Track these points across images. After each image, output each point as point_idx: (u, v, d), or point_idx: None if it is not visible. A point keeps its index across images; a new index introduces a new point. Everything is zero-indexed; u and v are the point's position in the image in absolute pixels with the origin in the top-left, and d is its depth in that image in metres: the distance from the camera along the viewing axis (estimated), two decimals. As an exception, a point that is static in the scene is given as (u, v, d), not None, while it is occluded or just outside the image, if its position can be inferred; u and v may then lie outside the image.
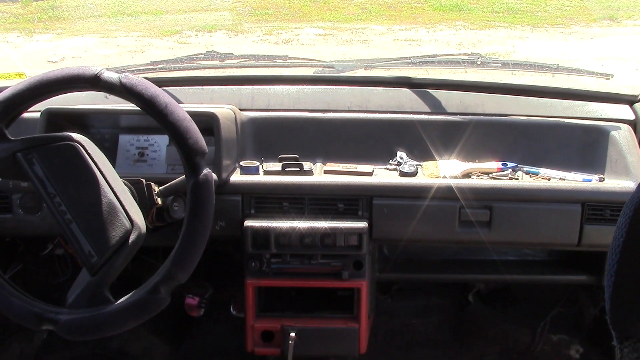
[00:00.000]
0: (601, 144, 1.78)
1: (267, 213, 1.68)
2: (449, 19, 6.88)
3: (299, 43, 6.31)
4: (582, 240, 1.66)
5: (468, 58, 1.95)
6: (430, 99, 1.89)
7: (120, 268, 1.36)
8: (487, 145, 1.80)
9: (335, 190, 1.67)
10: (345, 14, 7.21)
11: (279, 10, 7.12)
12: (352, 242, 1.66)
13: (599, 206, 1.64)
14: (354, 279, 1.69)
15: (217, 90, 1.91)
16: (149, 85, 1.36)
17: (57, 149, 1.37)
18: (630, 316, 0.99)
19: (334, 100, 1.89)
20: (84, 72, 1.35)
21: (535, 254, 2.01)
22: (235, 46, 6.08)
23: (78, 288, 1.36)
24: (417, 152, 1.81)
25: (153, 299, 1.35)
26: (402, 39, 6.43)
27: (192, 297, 2.09)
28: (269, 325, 1.73)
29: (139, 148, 1.78)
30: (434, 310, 2.36)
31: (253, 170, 1.72)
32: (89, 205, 1.35)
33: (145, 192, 1.49)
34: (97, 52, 6.06)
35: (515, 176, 1.74)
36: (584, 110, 1.88)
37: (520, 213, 1.65)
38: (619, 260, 0.95)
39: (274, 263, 1.69)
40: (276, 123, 1.84)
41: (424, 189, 1.65)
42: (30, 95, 1.37)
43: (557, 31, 6.46)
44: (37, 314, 1.35)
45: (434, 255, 2.01)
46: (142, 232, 1.38)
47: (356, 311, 1.73)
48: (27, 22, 7.06)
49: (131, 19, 6.57)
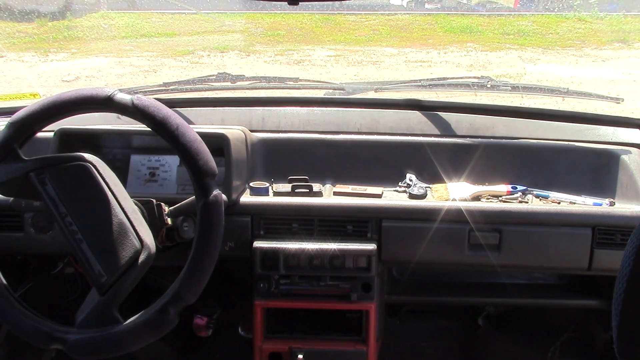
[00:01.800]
0: (611, 168, 1.78)
1: (277, 234, 1.68)
2: (459, 41, 6.89)
3: (311, 64, 6.34)
4: (592, 265, 1.65)
5: (478, 81, 1.96)
6: (440, 121, 1.90)
7: (130, 288, 1.37)
8: (496, 168, 1.80)
9: (345, 212, 1.68)
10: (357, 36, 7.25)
11: (290, 31, 7.18)
12: (361, 264, 1.66)
13: (610, 230, 1.63)
14: (362, 301, 1.68)
15: (228, 111, 1.93)
16: (161, 107, 1.38)
17: (69, 169, 1.38)
18: (638, 345, 0.98)
19: (344, 122, 1.90)
20: (97, 94, 1.37)
21: (545, 278, 2.00)
22: (247, 66, 6.12)
23: (87, 307, 1.37)
24: (427, 175, 1.81)
25: (162, 320, 1.35)
26: (413, 61, 6.45)
27: (200, 317, 2.09)
28: (277, 346, 1.73)
29: (150, 168, 1.79)
30: (443, 333, 2.34)
31: (263, 191, 1.73)
32: (100, 225, 1.36)
33: (155, 212, 1.50)
34: (111, 71, 6.12)
35: (525, 199, 1.74)
36: (594, 133, 1.88)
37: (530, 236, 1.65)
38: (626, 289, 0.95)
39: (282, 284, 1.69)
40: (286, 144, 1.84)
41: (434, 211, 1.65)
42: (44, 115, 1.39)
43: (569, 54, 6.45)
44: (46, 332, 1.36)
45: (444, 278, 2.00)
46: (152, 252, 1.39)
47: (364, 333, 1.73)
48: (43, 41, 7.15)
49: (145, 40, 6.64)
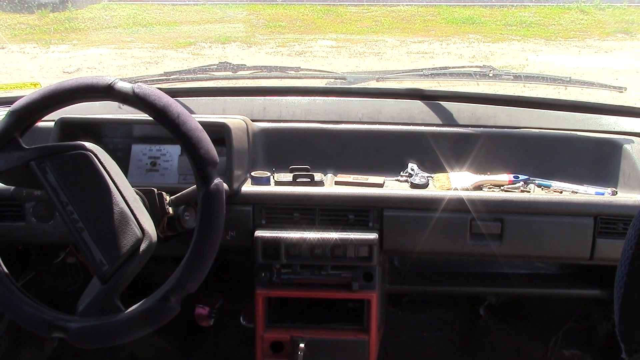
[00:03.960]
0: (614, 157, 1.77)
1: (278, 223, 1.68)
2: (462, 32, 6.88)
3: (312, 55, 6.34)
4: (594, 254, 1.64)
5: (480, 70, 1.95)
6: (441, 110, 1.89)
7: (131, 277, 1.37)
8: (498, 158, 1.80)
9: (346, 201, 1.67)
10: (359, 27, 7.24)
11: (292, 22, 7.17)
12: (362, 254, 1.65)
13: (612, 220, 1.62)
14: (364, 290, 1.68)
15: (229, 100, 1.92)
16: (161, 96, 1.37)
17: (70, 157, 1.38)
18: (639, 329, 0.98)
19: (346, 111, 1.89)
20: (97, 82, 1.37)
21: (547, 268, 1.99)
22: (248, 58, 6.11)
23: (89, 296, 1.37)
24: (429, 164, 1.80)
25: (163, 308, 1.35)
26: (415, 52, 6.44)
27: (202, 306, 2.09)
28: (279, 335, 1.73)
29: (151, 157, 1.79)
30: (445, 323, 2.34)
31: (264, 180, 1.72)
32: (101, 214, 1.35)
33: (156, 201, 1.49)
34: (112, 63, 6.12)
35: (527, 189, 1.73)
36: (596, 123, 1.87)
37: (531, 226, 1.64)
38: (629, 271, 0.95)
39: (284, 273, 1.69)
40: (288, 134, 1.84)
41: (435, 200, 1.64)
42: (44, 104, 1.38)
43: (571, 44, 6.44)
44: (48, 321, 1.36)
45: (445, 268, 2.00)
46: (153, 241, 1.39)
47: (366, 323, 1.72)
48: (44, 33, 7.15)
49: (146, 30, 6.64)
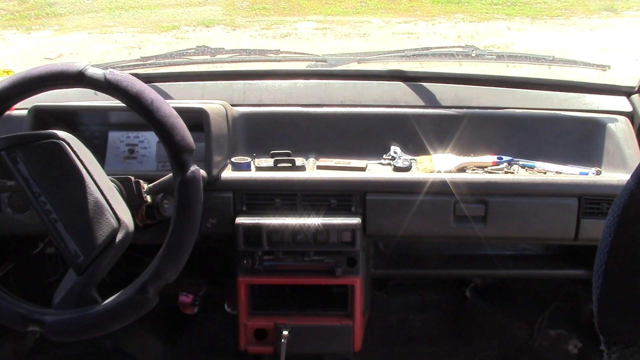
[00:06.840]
0: (598, 137, 1.76)
1: (259, 210, 1.66)
2: (447, 12, 6.83)
3: (297, 37, 6.27)
4: (579, 235, 1.64)
5: (462, 50, 1.92)
6: (424, 92, 1.87)
7: (108, 267, 1.34)
8: (482, 139, 1.78)
9: (328, 185, 1.65)
10: (344, 8, 7.17)
11: (276, 4, 7.08)
12: (345, 239, 1.64)
13: (596, 200, 1.62)
14: (347, 275, 1.67)
15: (208, 85, 1.89)
16: (134, 82, 1.34)
17: (41, 147, 1.34)
18: (618, 320, 0.96)
19: (327, 94, 1.87)
20: (68, 69, 1.33)
21: (532, 249, 1.99)
22: (233, 41, 6.03)
23: (64, 288, 1.34)
24: (412, 147, 1.78)
25: (141, 299, 1.32)
26: (401, 32, 6.38)
27: (185, 294, 2.08)
28: (262, 323, 1.71)
29: (128, 145, 1.76)
30: (431, 305, 2.34)
31: (244, 166, 1.70)
32: (75, 204, 1.32)
33: (134, 189, 1.47)
34: (95, 48, 6.03)
35: (511, 170, 1.72)
36: (580, 102, 1.85)
37: (516, 207, 1.63)
38: (607, 260, 0.92)
39: (266, 260, 1.67)
40: (268, 118, 1.81)
41: (418, 183, 1.62)
42: (13, 92, 1.34)
43: (557, 23, 6.41)
44: (23, 315, 1.33)
45: (430, 251, 1.99)
46: (130, 231, 1.36)
47: (350, 308, 1.71)
48: (24, 18, 7.03)
49: (128, 15, 6.53)
